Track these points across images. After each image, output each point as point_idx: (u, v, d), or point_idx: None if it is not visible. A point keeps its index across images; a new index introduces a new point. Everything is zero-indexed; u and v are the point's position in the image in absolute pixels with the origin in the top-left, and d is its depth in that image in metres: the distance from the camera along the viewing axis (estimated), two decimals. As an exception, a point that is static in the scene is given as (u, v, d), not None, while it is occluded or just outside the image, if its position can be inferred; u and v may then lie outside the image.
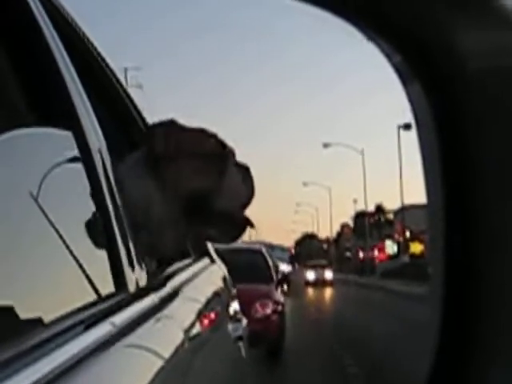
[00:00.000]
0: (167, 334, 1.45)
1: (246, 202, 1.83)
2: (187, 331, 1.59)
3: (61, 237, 1.09)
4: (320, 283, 50.44)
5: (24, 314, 0.90)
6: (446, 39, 1.12)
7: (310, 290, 44.12)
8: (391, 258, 57.87)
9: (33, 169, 1.06)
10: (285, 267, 37.35)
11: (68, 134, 1.23)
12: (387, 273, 49.36)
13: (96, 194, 1.30)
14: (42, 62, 1.22)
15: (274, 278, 13.24)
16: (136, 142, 2.16)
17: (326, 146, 56.47)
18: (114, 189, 1.40)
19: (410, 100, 1.22)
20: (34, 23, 1.22)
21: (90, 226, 1.26)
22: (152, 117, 2.26)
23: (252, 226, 1.85)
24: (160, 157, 1.77)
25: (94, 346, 0.99)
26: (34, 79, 1.20)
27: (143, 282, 1.45)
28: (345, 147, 57.35)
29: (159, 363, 1.24)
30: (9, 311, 0.87)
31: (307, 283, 51.31)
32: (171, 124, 1.86)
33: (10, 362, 0.78)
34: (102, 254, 1.29)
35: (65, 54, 1.31)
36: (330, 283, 50.89)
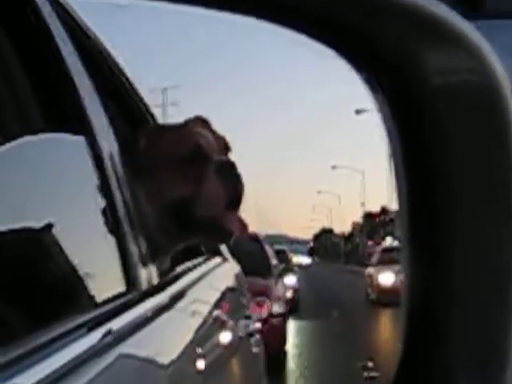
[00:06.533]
0: (177, 332, 1.48)
1: (231, 201, 1.75)
2: (198, 329, 1.62)
3: (72, 237, 1.12)
4: None
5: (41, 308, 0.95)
6: (409, 58, 1.22)
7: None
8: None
9: (45, 174, 1.09)
10: (305, 259, 36.37)
11: (79, 139, 1.26)
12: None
13: (106, 193, 1.32)
14: (52, 66, 1.25)
15: (273, 271, 11.65)
16: None
17: (333, 167, 68.59)
18: (125, 190, 1.42)
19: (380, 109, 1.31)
20: (52, 41, 1.25)
21: (102, 226, 1.29)
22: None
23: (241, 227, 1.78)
24: (141, 163, 1.73)
25: (101, 346, 1.02)
26: (45, 84, 1.23)
27: (155, 281, 1.48)
28: (348, 169, 68.14)
29: (168, 360, 1.27)
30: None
31: (379, 298, 20.34)
32: (154, 127, 1.82)
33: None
34: (114, 253, 1.32)
35: (76, 57, 1.34)
36: None
